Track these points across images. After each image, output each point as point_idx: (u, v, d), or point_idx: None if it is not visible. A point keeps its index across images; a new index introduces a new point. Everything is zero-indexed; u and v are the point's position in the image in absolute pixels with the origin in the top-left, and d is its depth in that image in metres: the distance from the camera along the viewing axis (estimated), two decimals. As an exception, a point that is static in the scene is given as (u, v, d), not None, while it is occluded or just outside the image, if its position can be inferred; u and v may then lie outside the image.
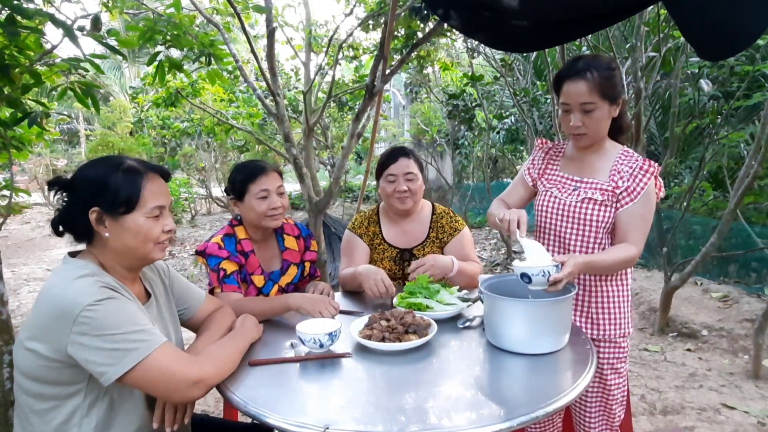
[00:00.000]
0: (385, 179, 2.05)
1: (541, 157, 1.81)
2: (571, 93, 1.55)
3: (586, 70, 1.53)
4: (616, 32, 5.01)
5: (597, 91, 1.52)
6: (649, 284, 4.83)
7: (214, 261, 1.77)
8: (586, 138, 1.61)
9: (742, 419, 2.66)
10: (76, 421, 1.14)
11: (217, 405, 2.83)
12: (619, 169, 1.61)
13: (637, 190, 1.57)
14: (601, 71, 1.53)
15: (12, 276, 6.23)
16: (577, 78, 1.54)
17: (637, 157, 1.61)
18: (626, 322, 1.69)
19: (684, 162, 6.20)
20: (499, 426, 1.04)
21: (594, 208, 1.61)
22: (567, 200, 1.65)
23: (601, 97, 1.53)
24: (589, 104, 1.54)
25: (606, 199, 1.60)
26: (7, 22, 1.80)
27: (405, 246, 2.12)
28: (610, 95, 1.55)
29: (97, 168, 1.22)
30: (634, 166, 1.59)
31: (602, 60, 1.57)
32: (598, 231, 1.62)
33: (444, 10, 1.99)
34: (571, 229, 1.65)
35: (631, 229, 1.57)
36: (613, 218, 1.60)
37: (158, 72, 2.75)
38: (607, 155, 1.65)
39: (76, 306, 1.07)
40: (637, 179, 1.57)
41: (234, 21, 4.38)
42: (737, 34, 1.46)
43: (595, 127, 1.58)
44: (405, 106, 14.54)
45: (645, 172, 1.58)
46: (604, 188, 1.60)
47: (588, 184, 1.64)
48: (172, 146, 11.89)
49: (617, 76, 1.57)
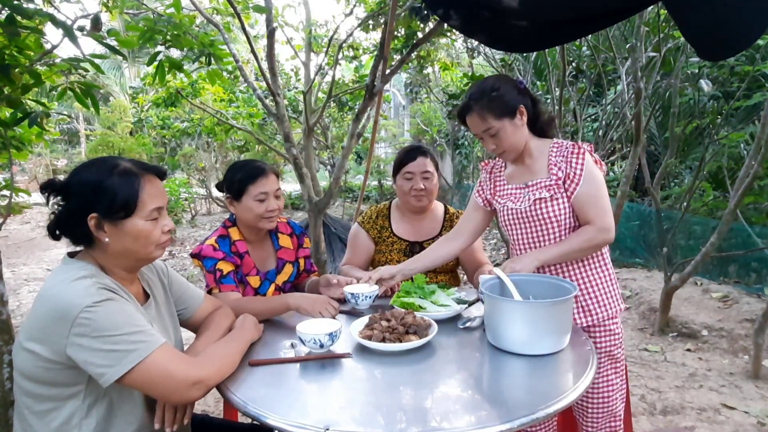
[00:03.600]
0: (402, 176, 2.11)
1: (486, 177, 1.89)
2: (471, 125, 1.69)
3: (473, 101, 1.65)
4: (616, 32, 5.00)
5: (489, 116, 1.63)
6: (649, 284, 4.83)
7: (210, 262, 1.76)
8: (508, 154, 1.70)
9: (742, 419, 2.66)
10: (75, 422, 1.14)
11: (217, 405, 2.83)
12: (555, 162, 1.67)
13: (577, 173, 1.62)
14: (482, 98, 1.63)
15: (12, 276, 6.22)
16: (469, 111, 1.67)
17: (567, 145, 1.68)
18: (615, 303, 1.72)
19: (684, 162, 6.21)
20: (500, 427, 1.04)
21: (545, 205, 1.66)
22: (521, 207, 1.71)
23: (495, 118, 1.63)
24: (489, 129, 1.65)
25: (553, 193, 1.65)
26: (7, 22, 1.80)
27: (416, 239, 2.17)
28: (504, 112, 1.63)
29: (91, 171, 1.19)
30: (565, 153, 1.66)
31: (487, 83, 1.67)
32: (559, 225, 1.67)
33: (444, 10, 1.99)
34: (534, 232, 1.71)
35: (588, 209, 1.62)
36: (569, 208, 1.65)
37: (158, 72, 2.75)
38: (540, 154, 1.71)
39: (75, 307, 1.06)
40: (572, 164, 1.63)
41: (234, 21, 4.38)
42: (737, 34, 1.46)
43: (509, 143, 1.66)
44: (405, 106, 14.55)
45: (576, 154, 1.64)
46: (548, 184, 1.66)
47: (533, 186, 1.69)
48: (172, 146, 11.90)
49: (505, 92, 1.64)
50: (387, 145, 14.64)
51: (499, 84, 1.66)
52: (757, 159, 3.15)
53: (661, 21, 3.47)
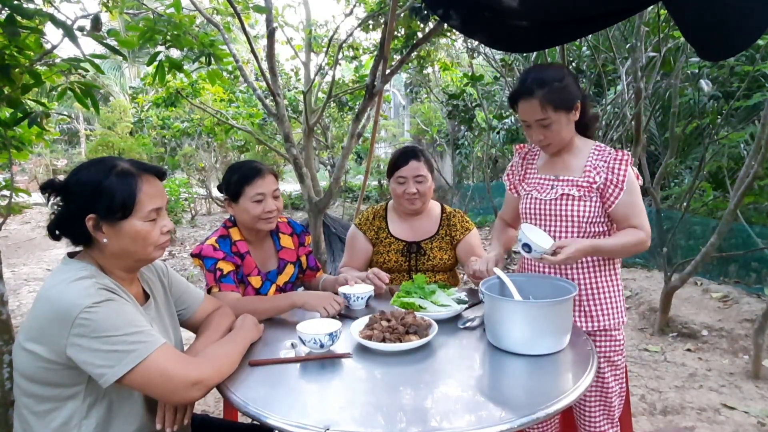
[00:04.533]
0: (396, 180, 2.11)
1: (519, 162, 1.86)
2: (526, 112, 1.60)
3: (535, 88, 1.55)
4: (616, 32, 5.01)
5: (549, 106, 1.56)
6: (649, 284, 4.83)
7: (211, 262, 1.76)
8: (551, 147, 1.66)
9: (742, 419, 2.66)
10: (75, 422, 1.14)
11: (217, 405, 2.83)
12: (594, 164, 1.64)
13: (620, 180, 1.60)
14: (550, 85, 1.55)
15: (12, 276, 6.22)
16: (528, 97, 1.57)
17: (610, 150, 1.66)
18: (619, 313, 1.71)
19: (684, 162, 6.21)
20: (500, 427, 1.04)
21: (572, 203, 1.65)
22: (546, 198, 1.70)
23: (554, 110, 1.57)
24: (544, 120, 1.58)
25: (583, 194, 1.63)
26: (7, 22, 1.79)
27: (413, 239, 2.17)
28: (564, 106, 1.58)
29: (90, 172, 1.19)
30: (608, 159, 1.63)
31: (551, 71, 1.59)
32: (580, 225, 1.65)
33: (444, 10, 1.99)
34: (555, 225, 1.69)
35: (632, 216, 1.61)
36: (595, 213, 1.64)
37: (158, 72, 2.75)
38: (579, 153, 1.69)
39: (75, 308, 1.06)
40: (615, 170, 1.61)
41: (234, 21, 4.38)
42: (737, 34, 1.46)
43: (557, 137, 1.62)
44: (405, 106, 14.55)
45: (620, 161, 1.62)
46: (580, 184, 1.64)
47: (564, 181, 1.68)
48: (172, 146, 11.89)
49: (569, 84, 1.59)
50: (387, 145, 14.65)
51: (563, 75, 1.60)
52: (757, 159, 3.15)
53: (661, 21, 3.47)
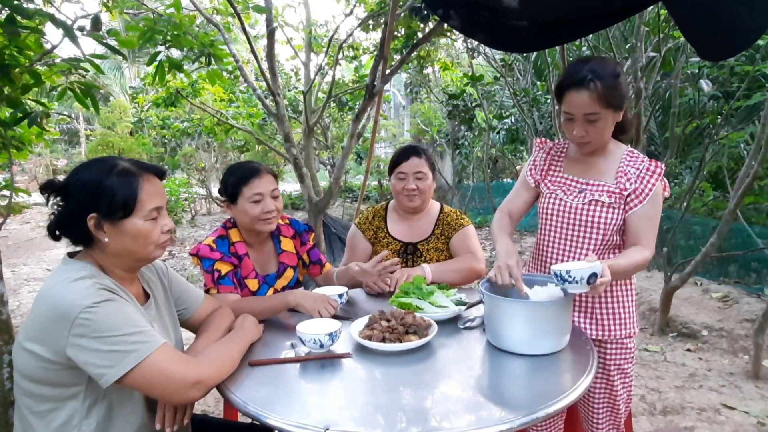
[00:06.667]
0: (396, 176, 2.13)
1: (543, 157, 1.76)
2: (575, 103, 1.49)
3: (591, 79, 1.45)
4: (616, 32, 5.01)
5: (602, 102, 1.46)
6: (649, 284, 4.83)
7: (208, 263, 1.74)
8: (590, 145, 1.58)
9: (742, 419, 2.66)
10: (75, 422, 1.14)
11: (217, 405, 2.83)
12: (625, 171, 1.58)
13: (645, 192, 1.55)
14: (606, 80, 1.45)
15: (12, 276, 6.22)
16: (581, 88, 1.46)
17: (643, 158, 1.60)
18: (631, 323, 1.68)
19: (684, 162, 6.20)
20: (500, 427, 1.04)
21: (602, 210, 1.58)
22: (573, 202, 1.62)
23: (605, 107, 1.47)
24: (593, 115, 1.49)
25: (614, 201, 1.57)
26: (7, 22, 1.79)
27: (409, 240, 2.18)
28: (615, 104, 1.49)
29: (90, 172, 1.19)
30: (640, 167, 1.57)
31: (607, 66, 1.49)
32: (606, 233, 1.59)
33: (444, 10, 1.99)
34: (579, 232, 1.62)
35: (643, 231, 1.55)
36: (621, 220, 1.58)
37: (158, 72, 2.75)
38: (612, 157, 1.62)
39: (75, 308, 1.06)
40: (644, 180, 1.55)
41: (234, 21, 4.38)
42: (737, 34, 1.46)
43: (600, 136, 1.54)
44: (405, 106, 14.55)
45: (652, 173, 1.56)
46: (611, 190, 1.58)
47: (594, 186, 1.61)
48: (172, 146, 11.90)
49: (622, 83, 1.50)
50: (387, 145, 14.65)
51: (619, 71, 1.50)
52: (757, 159, 3.15)
53: (661, 21, 3.47)
